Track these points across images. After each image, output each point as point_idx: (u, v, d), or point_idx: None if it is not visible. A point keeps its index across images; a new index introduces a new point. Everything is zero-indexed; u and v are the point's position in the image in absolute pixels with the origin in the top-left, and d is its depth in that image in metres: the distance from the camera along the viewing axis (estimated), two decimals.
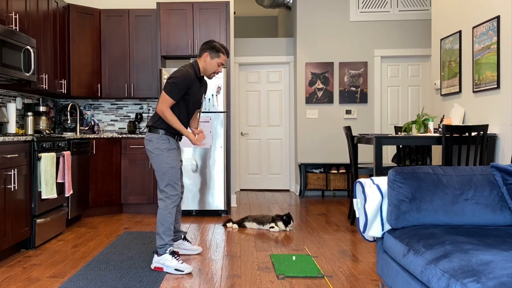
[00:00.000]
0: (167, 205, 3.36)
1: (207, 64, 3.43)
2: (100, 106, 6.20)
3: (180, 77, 3.32)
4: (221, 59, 3.43)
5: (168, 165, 3.35)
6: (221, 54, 3.43)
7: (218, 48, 3.43)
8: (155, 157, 3.37)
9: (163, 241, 3.31)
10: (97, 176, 5.34)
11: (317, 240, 4.21)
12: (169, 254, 3.27)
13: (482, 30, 4.38)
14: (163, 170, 3.35)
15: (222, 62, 3.46)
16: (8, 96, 4.84)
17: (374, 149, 4.29)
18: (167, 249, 3.29)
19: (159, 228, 3.33)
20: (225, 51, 3.46)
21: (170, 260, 3.25)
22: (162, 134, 3.38)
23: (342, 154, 7.17)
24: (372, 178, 2.51)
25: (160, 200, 3.39)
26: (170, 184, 3.36)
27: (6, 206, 3.47)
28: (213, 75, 3.49)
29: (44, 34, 4.92)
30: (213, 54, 3.42)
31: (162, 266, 3.26)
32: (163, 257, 3.27)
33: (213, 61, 3.42)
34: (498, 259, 1.64)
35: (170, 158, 3.37)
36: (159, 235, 3.33)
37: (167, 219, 3.34)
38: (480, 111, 4.47)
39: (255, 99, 7.84)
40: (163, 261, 3.26)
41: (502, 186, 2.29)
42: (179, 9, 5.64)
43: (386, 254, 2.41)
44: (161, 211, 3.36)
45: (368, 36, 7.23)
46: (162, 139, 3.37)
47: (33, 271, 3.28)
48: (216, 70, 3.46)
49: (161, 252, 3.29)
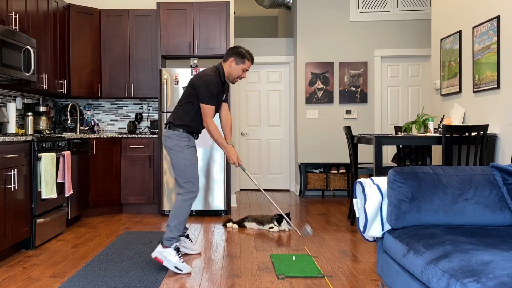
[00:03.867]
0: (185, 199, 3.41)
1: (232, 69, 3.52)
2: (100, 106, 6.20)
3: (211, 84, 3.40)
4: (246, 65, 3.53)
5: (188, 161, 3.42)
6: (246, 60, 3.52)
7: (244, 54, 3.51)
8: (176, 153, 3.42)
9: (173, 234, 3.34)
10: (97, 176, 5.34)
11: (317, 240, 4.21)
12: (174, 249, 3.30)
13: (482, 30, 4.38)
14: (183, 166, 3.41)
15: (247, 68, 3.55)
16: (8, 96, 4.84)
17: (374, 149, 4.29)
18: (174, 243, 3.32)
19: (172, 221, 3.37)
20: (251, 57, 3.55)
21: (173, 255, 3.27)
22: (182, 132, 3.45)
23: (342, 154, 7.17)
24: (372, 178, 2.51)
25: (178, 195, 3.43)
26: (190, 180, 3.42)
27: (6, 206, 3.47)
28: (236, 80, 3.59)
29: (44, 34, 4.92)
30: (239, 60, 3.50)
31: (163, 259, 3.28)
32: (167, 250, 3.29)
33: (238, 66, 3.51)
34: (498, 259, 1.64)
35: (190, 155, 3.45)
36: (170, 227, 3.36)
37: (183, 213, 3.40)
38: (480, 111, 4.47)
39: (255, 99, 7.84)
40: (166, 254, 3.28)
41: (502, 186, 2.29)
42: (179, 9, 5.64)
43: (386, 254, 2.41)
44: (178, 205, 3.40)
45: (368, 36, 7.23)
46: (182, 136, 3.44)
47: (33, 271, 3.28)
48: (240, 75, 3.55)
49: (166, 245, 3.31)
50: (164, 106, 5.38)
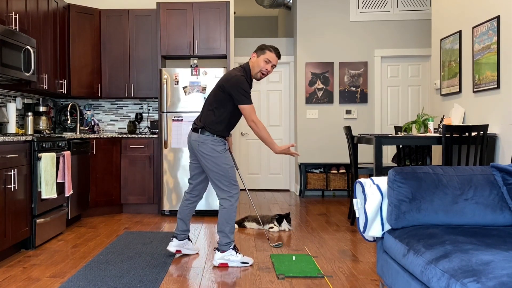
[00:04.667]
0: (232, 204, 3.41)
1: (254, 62, 3.46)
2: (100, 106, 6.20)
3: (243, 83, 3.34)
4: (267, 55, 3.42)
5: (227, 165, 3.41)
6: (267, 51, 3.43)
7: (264, 46, 3.47)
8: (213, 159, 3.39)
9: (229, 239, 3.38)
10: (97, 176, 5.34)
11: (317, 240, 4.21)
12: (233, 249, 3.38)
13: (482, 30, 4.38)
14: (223, 171, 3.39)
15: (269, 58, 3.42)
16: (8, 96, 4.84)
17: (374, 149, 4.29)
18: (231, 245, 3.39)
19: (226, 227, 3.38)
20: (273, 49, 3.46)
21: (235, 255, 3.37)
22: (216, 136, 3.41)
23: (342, 154, 7.17)
24: (372, 178, 2.51)
25: (223, 200, 3.42)
26: (231, 183, 3.42)
27: (6, 206, 3.47)
28: (260, 75, 3.46)
29: (44, 34, 4.92)
30: (259, 52, 3.45)
31: (227, 261, 3.36)
32: (227, 253, 3.36)
33: (259, 58, 3.44)
34: (498, 259, 1.64)
35: (228, 159, 3.45)
36: (224, 233, 3.38)
37: (233, 217, 3.42)
38: (480, 111, 4.47)
39: (255, 99, 7.84)
40: (228, 256, 3.36)
41: (502, 186, 2.29)
42: (179, 9, 5.64)
43: (386, 254, 2.41)
44: (227, 211, 3.40)
45: (368, 36, 7.23)
46: (217, 141, 3.41)
47: (33, 271, 3.28)
48: (263, 68, 3.42)
49: (225, 249, 3.37)
50: (164, 106, 5.38)
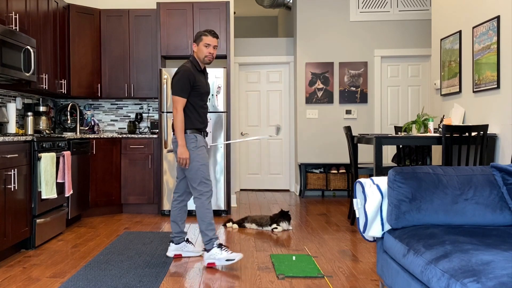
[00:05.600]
0: (203, 202, 3.42)
1: (198, 51, 3.53)
2: (100, 106, 6.20)
3: (180, 73, 3.42)
4: (204, 40, 3.49)
5: (198, 163, 3.41)
6: (202, 36, 3.50)
7: (199, 33, 3.53)
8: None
9: (208, 236, 3.38)
10: (97, 176, 5.34)
11: (317, 240, 4.21)
12: (217, 247, 3.34)
13: (482, 30, 4.38)
14: (194, 168, 3.40)
15: (208, 42, 3.49)
16: (8, 96, 4.84)
17: (374, 149, 4.29)
18: (214, 242, 3.36)
19: (201, 226, 3.40)
20: (208, 32, 3.52)
21: (219, 253, 3.33)
22: (189, 134, 3.43)
23: (342, 154, 7.17)
24: (372, 178, 2.51)
25: (195, 199, 3.44)
26: (202, 181, 3.42)
27: (6, 206, 3.47)
28: (207, 59, 3.53)
29: (44, 34, 4.92)
30: (198, 40, 3.52)
31: (213, 261, 3.34)
32: (212, 252, 3.34)
33: (200, 46, 3.51)
34: (498, 259, 1.64)
35: (200, 156, 3.43)
36: (202, 232, 3.40)
37: (207, 215, 3.41)
38: (480, 111, 4.47)
39: (255, 99, 7.84)
40: (214, 255, 3.33)
41: (502, 186, 2.29)
42: (179, 9, 5.64)
43: (386, 254, 2.40)
44: (199, 209, 3.41)
45: (368, 36, 7.23)
46: (189, 138, 3.43)
47: (33, 271, 3.28)
48: (206, 53, 3.49)
49: (208, 247, 3.36)
50: (164, 106, 5.38)
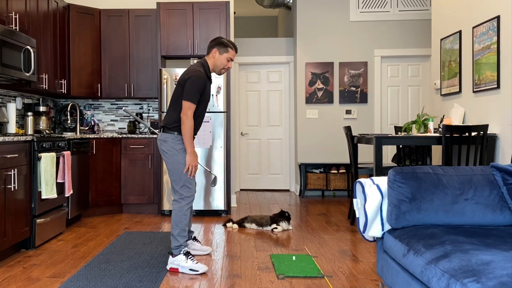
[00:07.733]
0: (181, 206, 3.34)
1: (216, 60, 3.43)
2: (100, 106, 6.20)
3: (195, 79, 3.29)
4: (229, 53, 3.44)
5: (183, 165, 3.32)
6: (229, 48, 3.43)
7: (226, 43, 3.44)
8: (170, 157, 3.34)
9: (178, 242, 3.31)
10: (97, 176, 5.34)
11: (317, 240, 4.21)
12: (183, 254, 3.28)
13: (482, 30, 4.38)
14: (178, 171, 3.32)
15: (231, 57, 3.45)
16: (8, 96, 4.84)
17: (374, 149, 4.29)
18: (181, 250, 3.30)
19: (174, 230, 3.32)
20: (233, 45, 3.48)
21: (184, 260, 3.26)
22: (177, 135, 3.34)
23: (342, 154, 7.17)
24: (372, 178, 2.51)
25: (174, 202, 3.36)
26: (185, 185, 3.33)
27: (6, 206, 3.47)
28: (223, 71, 3.49)
29: (44, 34, 4.92)
30: (222, 50, 3.42)
31: (177, 266, 3.28)
32: (177, 258, 3.28)
33: (222, 56, 3.42)
34: (498, 259, 1.64)
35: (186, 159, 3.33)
36: (174, 236, 3.32)
37: (182, 220, 3.33)
38: (480, 111, 4.47)
39: (255, 99, 7.84)
40: (178, 261, 3.27)
41: (502, 186, 2.29)
42: (179, 9, 5.64)
43: (386, 254, 2.40)
44: (176, 213, 3.34)
45: (368, 36, 7.23)
46: (177, 139, 3.34)
47: (33, 271, 3.28)
48: (225, 66, 3.45)
49: (175, 253, 3.30)
50: (164, 106, 5.38)
